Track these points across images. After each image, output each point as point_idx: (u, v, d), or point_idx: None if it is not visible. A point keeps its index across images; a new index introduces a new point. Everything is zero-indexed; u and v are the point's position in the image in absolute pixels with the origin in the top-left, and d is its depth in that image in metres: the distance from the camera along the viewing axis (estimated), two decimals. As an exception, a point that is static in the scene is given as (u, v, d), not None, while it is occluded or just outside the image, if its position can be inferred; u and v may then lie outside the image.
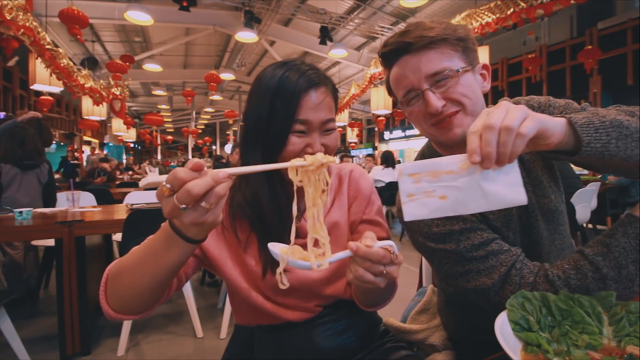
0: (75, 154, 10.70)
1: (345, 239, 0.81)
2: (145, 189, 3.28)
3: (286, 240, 0.57)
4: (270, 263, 0.71)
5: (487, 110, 0.52)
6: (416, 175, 0.53)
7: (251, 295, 0.74)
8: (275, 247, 0.55)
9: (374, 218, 0.83)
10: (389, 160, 6.08)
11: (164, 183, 0.45)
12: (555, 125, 0.53)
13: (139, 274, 0.57)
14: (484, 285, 0.67)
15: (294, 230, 0.54)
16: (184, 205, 0.44)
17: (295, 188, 0.55)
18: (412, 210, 0.53)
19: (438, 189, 0.53)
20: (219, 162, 5.74)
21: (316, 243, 0.56)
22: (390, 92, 0.82)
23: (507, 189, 0.51)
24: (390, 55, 0.75)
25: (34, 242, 2.73)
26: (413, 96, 0.73)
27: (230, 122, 19.56)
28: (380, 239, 0.82)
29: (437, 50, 0.71)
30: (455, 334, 0.92)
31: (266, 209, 0.71)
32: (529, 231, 0.76)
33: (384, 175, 5.72)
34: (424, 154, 0.87)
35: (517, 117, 0.48)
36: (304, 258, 0.54)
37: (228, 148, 20.32)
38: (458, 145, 0.71)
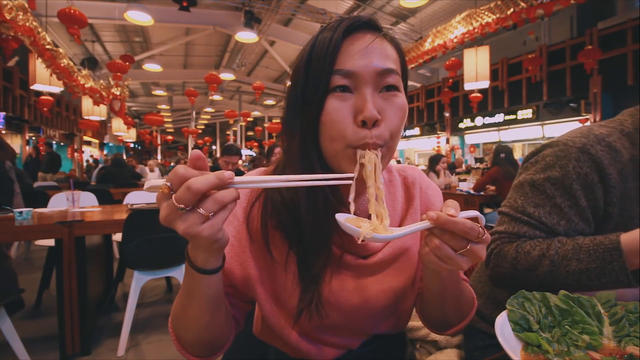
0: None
1: (414, 269, 0.65)
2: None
3: (322, 259, 0.55)
4: (317, 303, 0.56)
5: None
6: None
7: (283, 331, 0.63)
8: (342, 218, 0.47)
9: None
10: None
11: (164, 182, 0.40)
12: None
13: (185, 317, 0.54)
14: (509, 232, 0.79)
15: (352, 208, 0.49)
16: (182, 206, 0.38)
17: (357, 166, 0.49)
18: None
19: None
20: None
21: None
22: None
23: None
24: None
25: (35, 243, 2.73)
26: None
27: (231, 122, 19.56)
28: None
29: None
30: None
31: (303, 216, 0.55)
32: None
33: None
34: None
35: None
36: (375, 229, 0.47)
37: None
38: None
